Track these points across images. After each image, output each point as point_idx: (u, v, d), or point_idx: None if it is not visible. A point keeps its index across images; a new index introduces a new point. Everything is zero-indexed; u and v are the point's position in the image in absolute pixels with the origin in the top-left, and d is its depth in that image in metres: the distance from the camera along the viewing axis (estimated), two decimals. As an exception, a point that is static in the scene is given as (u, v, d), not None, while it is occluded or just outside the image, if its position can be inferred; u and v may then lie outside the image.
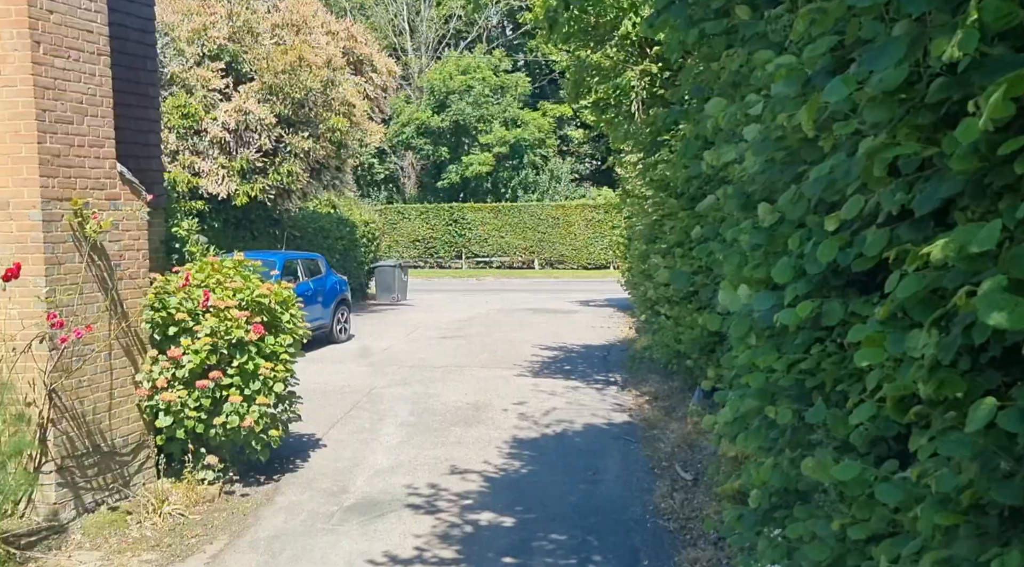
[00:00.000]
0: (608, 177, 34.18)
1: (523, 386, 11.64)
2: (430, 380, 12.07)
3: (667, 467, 8.14)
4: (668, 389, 11.19)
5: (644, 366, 13.06)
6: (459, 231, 37.17)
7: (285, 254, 14.72)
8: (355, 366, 13.30)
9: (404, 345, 15.38)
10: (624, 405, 10.67)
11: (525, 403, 10.66)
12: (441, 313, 20.81)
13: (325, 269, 15.37)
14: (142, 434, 7.11)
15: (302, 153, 16.92)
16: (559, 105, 41.72)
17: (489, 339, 16.00)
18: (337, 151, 18.08)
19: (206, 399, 7.08)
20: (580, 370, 12.99)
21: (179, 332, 7.18)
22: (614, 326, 18.17)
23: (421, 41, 42.23)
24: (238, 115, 16.11)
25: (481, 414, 10.11)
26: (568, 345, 15.29)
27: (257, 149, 16.37)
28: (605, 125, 12.80)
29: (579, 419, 9.93)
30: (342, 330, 15.56)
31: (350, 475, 7.89)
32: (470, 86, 37.81)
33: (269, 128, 16.43)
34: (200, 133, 16.16)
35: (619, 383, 12.03)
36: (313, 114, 17.18)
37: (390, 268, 23.80)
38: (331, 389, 11.56)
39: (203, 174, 16.11)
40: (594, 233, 36.58)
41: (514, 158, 39.03)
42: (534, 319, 19.39)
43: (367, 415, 10.19)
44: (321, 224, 21.25)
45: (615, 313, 20.78)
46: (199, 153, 16.18)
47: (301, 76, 16.54)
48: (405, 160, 41.37)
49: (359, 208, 24.70)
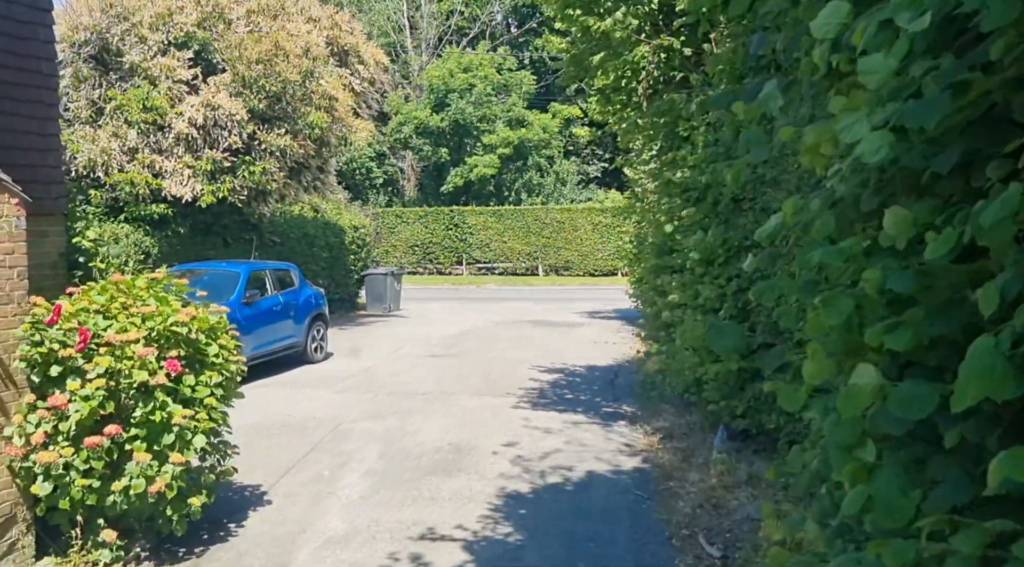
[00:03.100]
0: (617, 178, 32.59)
1: (516, 420, 10.04)
2: (409, 411, 10.48)
3: (688, 536, 6.52)
4: (685, 425, 9.59)
5: (656, 392, 11.47)
6: (459, 236, 35.60)
7: (252, 264, 13.15)
8: (327, 392, 11.71)
9: (387, 365, 13.79)
10: (634, 446, 9.06)
11: (517, 444, 9.05)
12: (435, 326, 19.22)
13: (298, 281, 13.79)
14: (14, 504, 5.53)
15: (278, 151, 15.36)
16: (567, 105, 40.14)
17: (483, 358, 14.40)
18: (319, 149, 16.52)
19: (98, 461, 5.49)
20: (583, 398, 11.38)
21: (65, 372, 5.60)
22: (622, 342, 16.55)
23: (421, 38, 40.67)
24: (206, 110, 14.56)
25: (464, 459, 8.50)
26: (570, 366, 13.68)
27: (226, 148, 14.82)
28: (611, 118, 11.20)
29: (580, 465, 8.32)
30: (318, 348, 13.97)
31: (292, 547, 6.29)
32: (472, 84, 36.23)
33: (241, 124, 14.88)
34: (164, 129, 14.62)
35: (628, 416, 10.42)
36: (291, 109, 15.63)
37: (382, 276, 22.24)
38: (292, 423, 9.98)
39: (166, 174, 14.57)
40: (601, 238, 34.98)
41: (518, 160, 37.44)
42: (534, 334, 17.78)
43: (328, 459, 8.59)
44: (305, 230, 19.69)
45: (623, 326, 19.15)
46: (162, 151, 14.64)
47: (277, 67, 15.00)
48: (405, 162, 39.80)
49: (348, 212, 23.15)
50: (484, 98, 36.18)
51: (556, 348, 15.58)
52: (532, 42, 41.54)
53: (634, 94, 10.13)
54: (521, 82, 37.85)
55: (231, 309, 12.31)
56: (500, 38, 42.43)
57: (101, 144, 13.84)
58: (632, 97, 10.23)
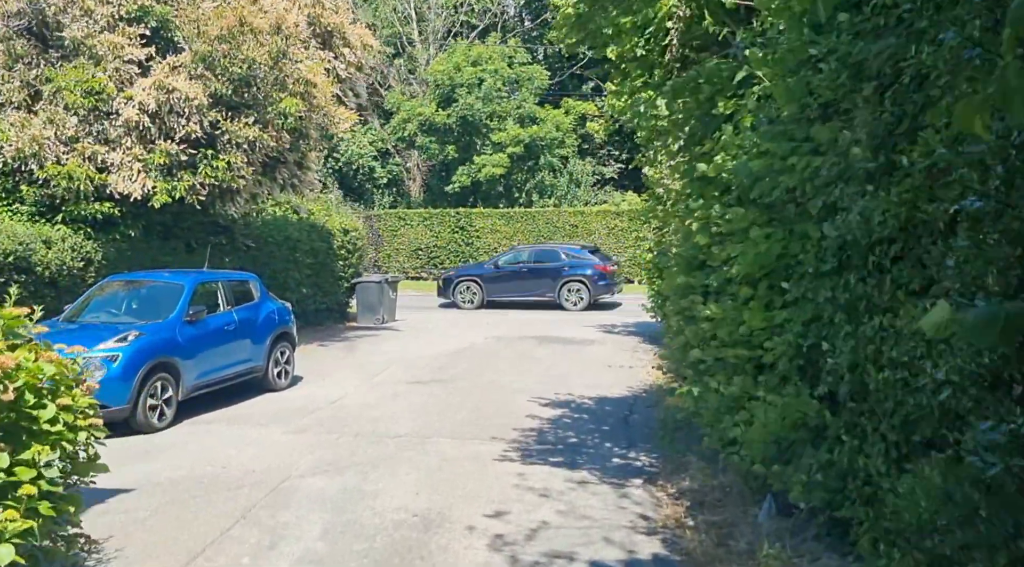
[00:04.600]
0: (635, 179, 30.48)
1: (505, 477, 7.98)
2: (374, 462, 8.43)
3: None
4: (719, 488, 7.51)
5: (681, 435, 9.41)
6: (466, 239, 33.53)
7: (201, 275, 11.12)
8: (280, 432, 9.67)
9: (362, 394, 11.75)
10: (653, 520, 6.97)
11: (503, 515, 6.99)
12: (428, 341, 17.19)
13: (259, 294, 11.76)
14: None
15: (245, 143, 13.38)
16: (583, 102, 37.97)
17: (476, 386, 12.34)
18: (295, 142, 14.54)
19: None
20: (591, 444, 9.31)
21: None
22: (639, 365, 14.46)
23: (429, 30, 38.63)
24: (159, 94, 12.60)
25: (431, 539, 6.45)
26: (578, 397, 11.60)
27: (182, 138, 12.85)
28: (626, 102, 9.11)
29: (583, 551, 6.25)
30: (282, 373, 11.94)
31: None
32: (481, 79, 34.15)
33: (201, 111, 12.91)
34: (110, 116, 12.68)
35: (645, 471, 8.34)
36: (262, 95, 13.65)
37: (375, 285, 20.24)
38: (225, 478, 7.96)
39: (112, 168, 12.62)
40: (617, 243, 32.81)
41: (529, 159, 35.34)
42: (539, 353, 15.70)
43: (256, 536, 6.56)
44: (287, 233, 17.68)
45: (640, 344, 17.04)
46: (108, 142, 12.70)
47: (243, 46, 13.02)
48: (410, 161, 37.77)
49: (339, 213, 21.15)
50: (494, 93, 34.09)
51: (562, 373, 13.51)
52: (546, 34, 39.36)
53: (657, 67, 8.05)
54: (533, 77, 35.73)
55: (170, 329, 10.38)
56: (513, 30, 40.33)
57: (33, 131, 11.91)
58: (654, 71, 8.14)
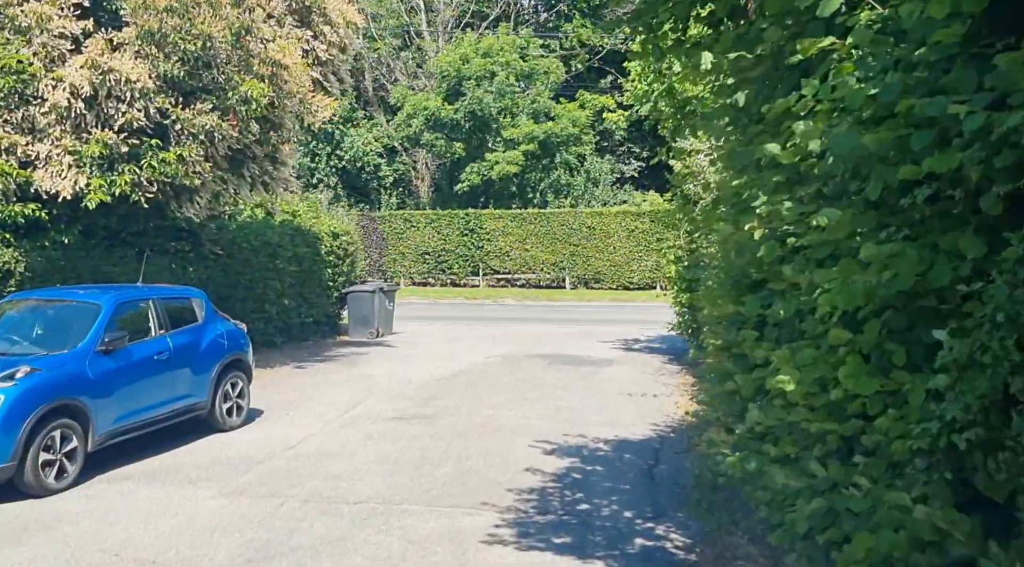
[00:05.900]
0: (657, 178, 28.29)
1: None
2: (317, 548, 6.32)
3: None
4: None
5: (721, 499, 7.35)
6: (476, 242, 31.49)
7: (125, 292, 9.04)
8: (208, 495, 7.57)
9: (327, 437, 9.67)
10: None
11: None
12: (422, 361, 15.13)
13: (204, 314, 9.71)
14: None
15: (201, 133, 11.38)
16: (600, 95, 35.82)
17: (467, 424, 10.23)
18: (265, 133, 12.53)
19: None
20: (606, 513, 7.17)
21: None
22: (664, 392, 12.32)
23: (438, 21, 36.62)
24: (94, 75, 10.64)
25: None
26: (591, 441, 9.48)
27: (123, 127, 10.87)
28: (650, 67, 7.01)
29: None
30: (232, 410, 9.88)
31: None
32: (492, 71, 32.06)
33: (146, 95, 10.93)
34: (34, 100, 10.74)
35: (678, 562, 6.20)
36: (222, 78, 11.65)
37: (368, 294, 18.23)
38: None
39: (39, 163, 10.67)
40: (637, 246, 30.68)
41: (544, 157, 33.23)
42: (548, 377, 13.59)
43: None
44: (266, 238, 15.68)
45: (665, 365, 14.90)
46: (33, 131, 10.75)
47: (197, 19, 11.03)
48: (418, 159, 35.74)
49: (330, 215, 19.16)
50: (506, 87, 32.01)
51: (574, 404, 11.40)
52: (561, 26, 37.31)
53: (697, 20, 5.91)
54: (548, 70, 33.62)
55: (77, 361, 8.29)
56: (527, 21, 38.23)
57: (-63, 120, 10.04)
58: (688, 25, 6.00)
